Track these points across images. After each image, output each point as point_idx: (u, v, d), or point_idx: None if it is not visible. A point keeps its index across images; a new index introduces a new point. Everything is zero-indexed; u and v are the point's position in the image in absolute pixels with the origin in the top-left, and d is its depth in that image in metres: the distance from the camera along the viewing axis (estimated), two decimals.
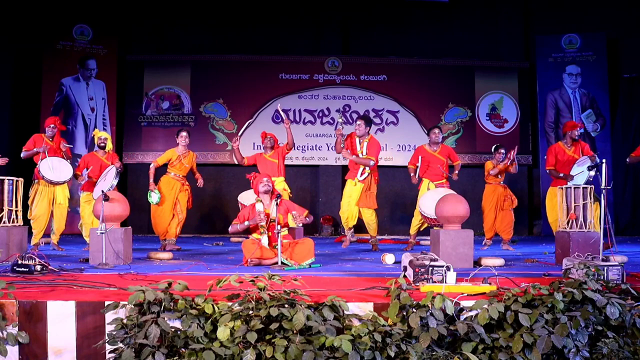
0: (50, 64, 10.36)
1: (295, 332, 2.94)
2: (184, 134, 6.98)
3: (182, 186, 6.89)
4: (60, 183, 6.60)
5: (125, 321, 3.04)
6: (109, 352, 3.06)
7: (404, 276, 3.62)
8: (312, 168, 11.15)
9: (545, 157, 6.96)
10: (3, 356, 3.11)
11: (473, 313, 3.16)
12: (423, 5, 11.35)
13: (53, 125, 6.84)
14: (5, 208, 5.30)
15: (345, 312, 3.15)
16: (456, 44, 11.41)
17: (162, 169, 7.00)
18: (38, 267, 4.08)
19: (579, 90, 10.97)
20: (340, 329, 3.06)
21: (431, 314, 3.07)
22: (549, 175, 6.82)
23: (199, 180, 7.03)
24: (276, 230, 4.86)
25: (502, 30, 11.49)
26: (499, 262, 5.11)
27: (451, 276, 3.50)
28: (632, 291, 3.33)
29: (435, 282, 3.48)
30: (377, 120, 11.04)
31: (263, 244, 5.08)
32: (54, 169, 6.48)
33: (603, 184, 4.71)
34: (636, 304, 3.23)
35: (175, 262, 5.33)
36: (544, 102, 11.07)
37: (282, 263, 4.83)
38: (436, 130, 7.08)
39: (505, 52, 11.42)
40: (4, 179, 5.35)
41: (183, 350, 2.99)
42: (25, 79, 10.29)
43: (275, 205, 5.06)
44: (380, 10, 11.37)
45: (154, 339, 2.90)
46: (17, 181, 5.45)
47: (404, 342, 3.00)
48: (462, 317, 3.15)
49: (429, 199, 6.27)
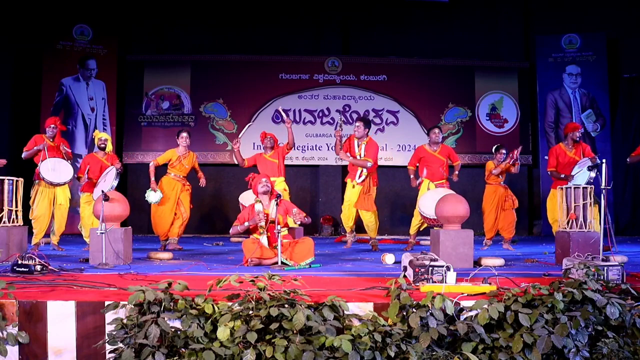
0: (50, 64, 10.36)
1: (295, 332, 2.94)
2: (184, 134, 6.98)
3: (183, 186, 6.89)
4: (60, 184, 6.60)
5: (125, 321, 3.04)
6: (109, 352, 3.06)
7: (404, 276, 3.63)
8: (312, 168, 11.15)
9: (545, 158, 6.96)
10: (3, 356, 3.11)
11: (473, 313, 3.16)
12: (423, 5, 11.35)
13: (53, 125, 6.83)
14: (5, 208, 5.30)
15: (345, 312, 3.15)
16: (456, 44, 11.41)
17: (162, 170, 7.00)
18: (38, 267, 4.09)
19: (579, 90, 10.97)
20: (340, 329, 3.06)
21: (431, 314, 3.07)
22: (551, 176, 6.81)
23: (201, 180, 7.03)
24: (276, 231, 4.86)
25: (502, 30, 11.49)
26: (499, 262, 5.11)
27: (451, 276, 3.50)
28: (632, 291, 3.33)
29: (435, 282, 3.48)
30: (377, 120, 11.04)
31: (263, 244, 5.09)
32: (54, 170, 6.48)
33: (603, 184, 4.71)
34: (636, 304, 3.23)
35: (175, 262, 5.34)
36: (544, 102, 11.07)
37: (282, 263, 4.83)
38: (436, 130, 7.08)
39: (505, 52, 11.42)
40: (4, 179, 5.35)
41: (183, 350, 2.99)
42: (25, 79, 10.29)
43: (275, 206, 5.07)
44: (380, 10, 11.37)
45: (154, 339, 2.90)
46: (17, 181, 5.45)
47: (404, 342, 3.00)
48: (462, 317, 3.15)
49: (428, 199, 6.26)
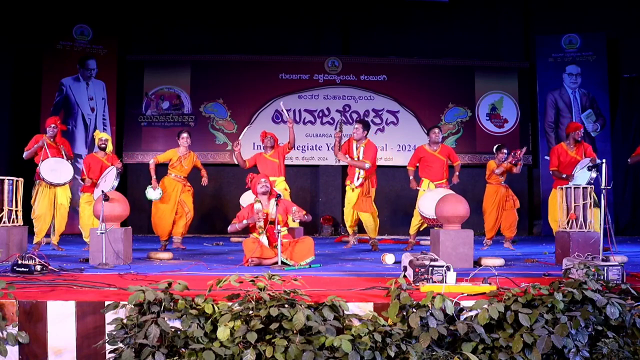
0: (50, 64, 10.36)
1: (295, 332, 2.94)
2: (184, 135, 6.98)
3: (183, 187, 6.90)
4: (60, 185, 6.59)
5: (125, 321, 3.04)
6: (109, 352, 3.06)
7: (404, 276, 3.63)
8: (312, 168, 11.15)
9: (545, 158, 6.96)
10: (3, 356, 3.11)
11: (473, 313, 3.16)
12: (423, 5, 11.34)
13: (54, 125, 6.82)
14: (5, 208, 5.30)
15: (345, 312, 3.15)
16: (456, 44, 11.41)
17: (163, 170, 6.99)
18: (38, 267, 4.09)
19: (579, 90, 10.97)
20: (340, 329, 3.06)
21: (431, 314, 3.07)
22: (552, 176, 6.81)
23: (203, 178, 7.03)
24: (276, 230, 4.86)
25: (502, 30, 11.49)
26: (499, 262, 5.11)
27: (451, 276, 3.50)
28: (632, 291, 3.33)
29: (435, 282, 3.48)
30: (377, 120, 11.04)
31: (263, 243, 5.09)
32: (54, 171, 6.47)
33: (603, 184, 4.72)
34: (636, 304, 3.23)
35: (175, 262, 5.34)
36: (544, 102, 11.06)
37: (282, 263, 4.83)
38: (436, 130, 7.08)
39: (505, 52, 11.41)
40: (4, 179, 5.35)
41: (183, 350, 2.99)
42: (25, 79, 10.29)
43: (274, 205, 5.06)
44: (380, 10, 11.37)
45: (154, 339, 2.90)
46: (17, 181, 5.45)
47: (404, 342, 3.00)
48: (462, 317, 3.15)
49: (428, 199, 6.26)
